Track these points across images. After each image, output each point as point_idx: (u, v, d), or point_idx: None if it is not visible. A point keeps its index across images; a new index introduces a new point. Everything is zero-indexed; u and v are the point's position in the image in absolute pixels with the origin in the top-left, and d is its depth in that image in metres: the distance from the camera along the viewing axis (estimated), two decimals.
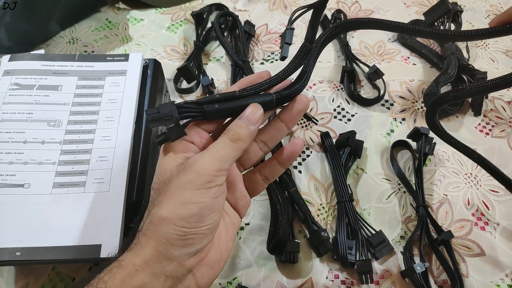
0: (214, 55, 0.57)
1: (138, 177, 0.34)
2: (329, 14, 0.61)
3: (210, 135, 0.29)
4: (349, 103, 0.52)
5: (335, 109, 0.51)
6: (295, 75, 0.30)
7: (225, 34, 0.59)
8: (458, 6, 0.55)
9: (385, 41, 0.58)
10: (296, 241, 0.39)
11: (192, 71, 0.52)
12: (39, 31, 0.57)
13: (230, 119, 0.29)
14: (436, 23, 0.56)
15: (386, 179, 0.45)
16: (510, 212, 0.42)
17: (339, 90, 0.53)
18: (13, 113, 0.36)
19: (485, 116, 0.50)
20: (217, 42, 0.58)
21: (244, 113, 0.27)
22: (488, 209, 0.42)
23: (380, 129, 0.49)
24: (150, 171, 0.36)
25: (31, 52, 0.42)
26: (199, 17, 0.58)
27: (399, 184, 0.44)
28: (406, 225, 0.42)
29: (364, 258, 0.38)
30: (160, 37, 0.60)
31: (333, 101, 0.52)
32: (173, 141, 0.25)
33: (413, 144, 0.46)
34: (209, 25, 0.59)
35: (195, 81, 0.53)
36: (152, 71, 0.41)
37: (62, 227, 0.31)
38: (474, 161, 0.34)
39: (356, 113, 0.51)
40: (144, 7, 0.64)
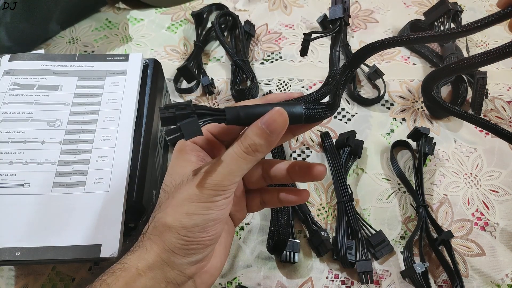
0: (214, 55, 0.57)
1: (138, 177, 0.34)
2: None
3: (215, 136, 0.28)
4: (349, 103, 0.52)
5: None
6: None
7: (225, 34, 0.59)
8: (458, 6, 0.55)
9: None
10: (296, 241, 0.39)
11: (192, 71, 0.52)
12: (39, 31, 0.57)
13: None
14: (436, 23, 0.55)
15: (386, 179, 0.45)
16: (510, 212, 0.42)
17: None
18: (13, 113, 0.36)
19: (485, 116, 0.50)
20: (217, 42, 0.58)
21: (264, 117, 0.23)
22: (488, 209, 0.42)
23: (380, 129, 0.49)
24: (150, 171, 0.36)
25: (31, 52, 0.42)
26: (199, 17, 0.58)
27: (399, 184, 0.44)
28: (406, 225, 0.42)
29: (364, 258, 0.38)
30: (160, 37, 0.60)
31: None
32: (187, 139, 0.23)
33: (413, 144, 0.46)
34: (209, 25, 0.59)
35: (195, 81, 0.53)
36: (152, 71, 0.41)
37: (62, 227, 0.31)
38: (479, 126, 0.34)
39: (356, 113, 0.51)
40: (144, 7, 0.64)
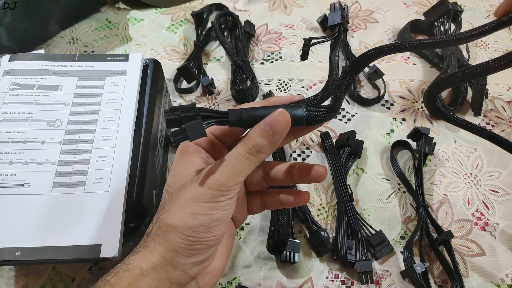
0: (214, 55, 0.57)
1: (138, 177, 0.34)
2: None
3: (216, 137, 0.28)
4: (349, 103, 0.52)
5: None
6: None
7: (225, 34, 0.59)
8: (458, 6, 0.55)
9: (385, 41, 0.58)
10: (296, 241, 0.39)
11: (192, 71, 0.52)
12: (39, 31, 0.57)
13: None
14: (436, 23, 0.56)
15: (386, 179, 0.45)
16: (510, 212, 0.42)
17: None
18: (13, 113, 0.36)
19: (485, 116, 0.50)
20: (217, 42, 0.58)
21: (267, 118, 0.24)
22: (488, 209, 0.42)
23: (380, 129, 0.49)
24: (150, 171, 0.36)
25: (31, 52, 0.42)
26: (199, 17, 0.58)
27: (399, 184, 0.44)
28: (406, 225, 0.42)
29: (364, 258, 0.38)
30: (160, 37, 0.60)
31: None
32: (191, 141, 0.23)
33: (413, 144, 0.46)
34: (209, 25, 0.59)
35: (195, 81, 0.53)
36: (152, 71, 0.41)
37: (62, 227, 0.31)
38: (483, 137, 0.34)
39: (356, 113, 0.51)
40: (144, 7, 0.64)
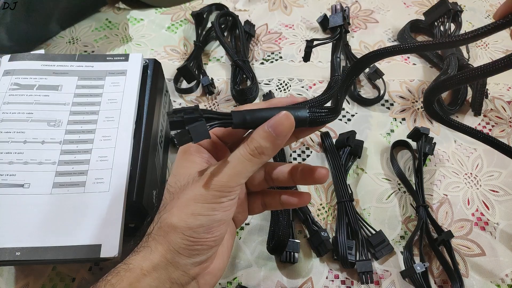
0: (214, 55, 0.57)
1: (138, 177, 0.34)
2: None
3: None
4: (349, 103, 0.52)
5: None
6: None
7: (225, 34, 0.59)
8: (458, 6, 0.55)
9: (385, 41, 0.58)
10: (296, 241, 0.39)
11: (192, 71, 0.52)
12: (39, 31, 0.57)
13: None
14: (436, 23, 0.56)
15: (386, 179, 0.45)
16: (510, 212, 0.42)
17: None
18: (13, 113, 0.36)
19: (485, 116, 0.50)
20: (217, 42, 0.58)
21: (270, 120, 0.24)
22: (488, 209, 0.42)
23: (380, 129, 0.49)
24: (150, 171, 0.36)
25: (31, 52, 0.42)
26: (199, 17, 0.58)
27: (399, 184, 0.44)
28: (406, 225, 0.42)
29: (364, 258, 0.38)
30: (160, 37, 0.60)
31: None
32: (195, 142, 0.23)
33: (413, 144, 0.46)
34: (209, 25, 0.59)
35: (195, 81, 0.53)
36: (152, 71, 0.41)
37: (62, 227, 0.31)
38: (480, 140, 0.34)
39: (356, 113, 0.51)
40: (144, 7, 0.64)
